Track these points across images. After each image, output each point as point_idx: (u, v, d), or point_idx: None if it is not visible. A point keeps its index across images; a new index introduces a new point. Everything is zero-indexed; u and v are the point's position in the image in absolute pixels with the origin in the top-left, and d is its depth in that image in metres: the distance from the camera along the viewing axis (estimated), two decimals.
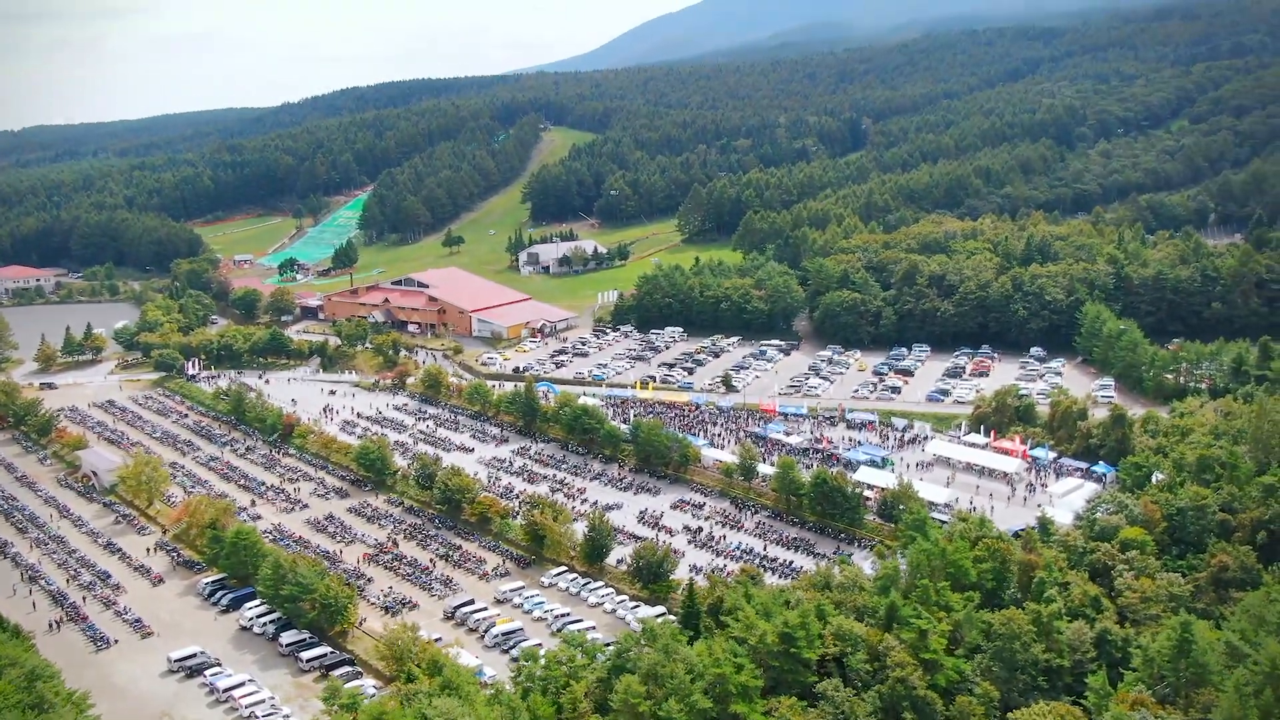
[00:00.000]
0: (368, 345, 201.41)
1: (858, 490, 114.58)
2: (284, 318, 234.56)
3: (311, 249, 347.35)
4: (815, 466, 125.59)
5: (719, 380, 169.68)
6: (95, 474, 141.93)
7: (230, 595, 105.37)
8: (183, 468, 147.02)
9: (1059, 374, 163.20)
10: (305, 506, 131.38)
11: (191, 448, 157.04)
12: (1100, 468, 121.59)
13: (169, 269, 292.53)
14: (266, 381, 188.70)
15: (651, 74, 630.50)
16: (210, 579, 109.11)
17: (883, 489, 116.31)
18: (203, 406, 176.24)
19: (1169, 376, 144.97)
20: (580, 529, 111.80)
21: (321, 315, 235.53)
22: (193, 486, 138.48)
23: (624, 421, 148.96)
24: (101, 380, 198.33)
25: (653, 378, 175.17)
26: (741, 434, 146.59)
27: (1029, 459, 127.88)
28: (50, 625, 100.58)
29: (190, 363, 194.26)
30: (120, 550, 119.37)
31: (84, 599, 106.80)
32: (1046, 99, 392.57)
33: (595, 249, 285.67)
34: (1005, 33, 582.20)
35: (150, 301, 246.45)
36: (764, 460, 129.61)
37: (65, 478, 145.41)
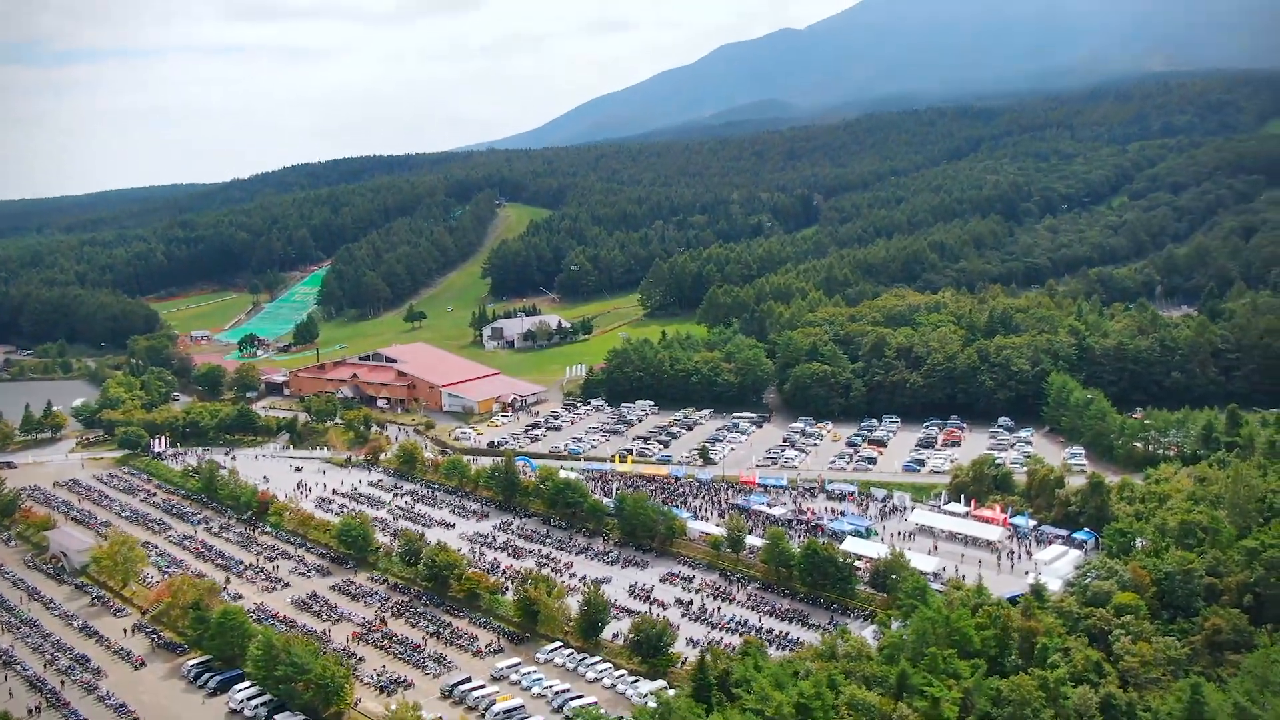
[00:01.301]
0: (338, 421, 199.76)
1: (848, 560, 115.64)
2: (248, 394, 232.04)
3: (269, 325, 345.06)
4: (804, 537, 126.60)
5: (696, 453, 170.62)
6: (65, 555, 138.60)
7: (218, 677, 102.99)
8: (155, 547, 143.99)
9: (1029, 443, 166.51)
10: (287, 585, 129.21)
11: (163, 526, 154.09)
12: (1081, 534, 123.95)
13: (125, 345, 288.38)
14: (233, 458, 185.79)
15: (602, 151, 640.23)
16: (195, 661, 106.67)
17: (871, 559, 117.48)
18: (171, 484, 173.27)
19: (1138, 444, 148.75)
20: (574, 603, 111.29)
21: (287, 391, 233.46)
22: (168, 566, 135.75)
23: (605, 495, 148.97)
24: (63, 459, 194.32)
25: (629, 451, 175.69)
26: (724, 506, 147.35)
27: (1010, 527, 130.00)
28: (30, 712, 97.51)
29: (156, 440, 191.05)
30: (97, 633, 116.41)
31: (62, 684, 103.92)
32: (991, 176, 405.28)
33: (559, 323, 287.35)
34: (945, 113, 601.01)
35: (110, 378, 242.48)
36: (750, 532, 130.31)
37: (32, 559, 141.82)
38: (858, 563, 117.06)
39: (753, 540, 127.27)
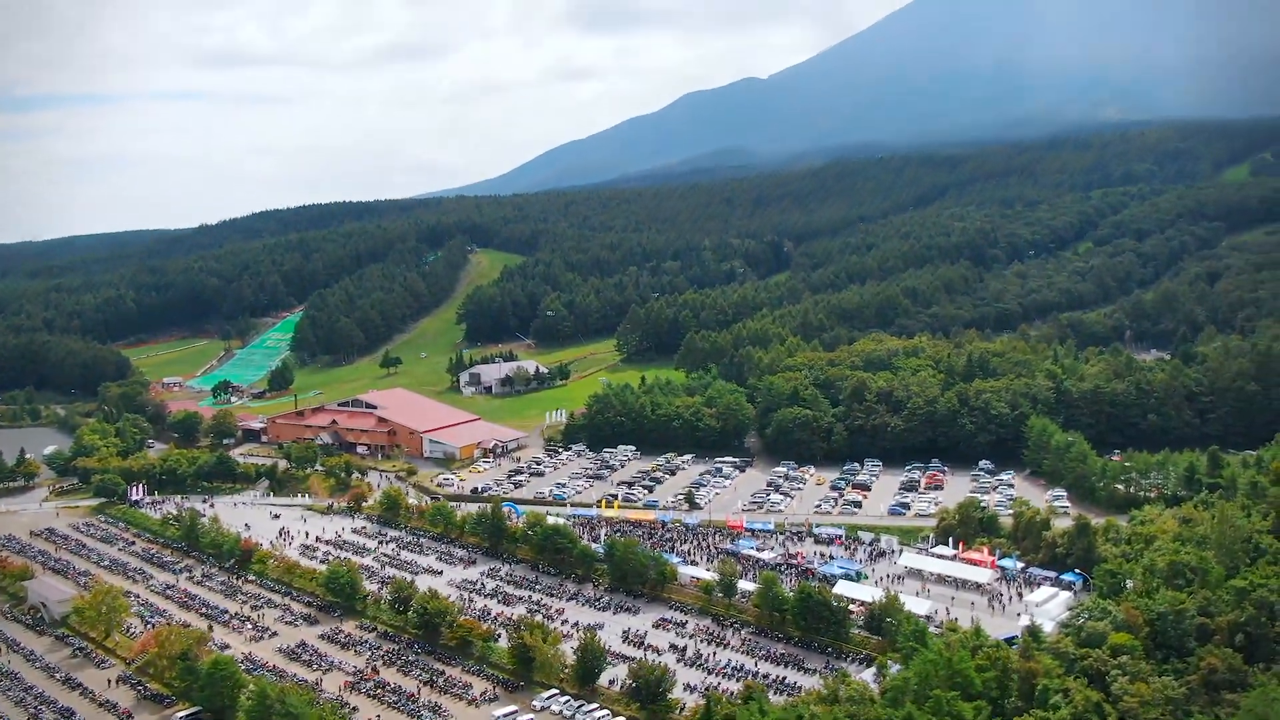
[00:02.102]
0: (319, 468, 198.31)
1: (842, 604, 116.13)
2: (225, 441, 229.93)
3: (242, 371, 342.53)
4: (797, 582, 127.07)
5: (682, 497, 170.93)
6: (44, 605, 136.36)
7: None
8: (137, 596, 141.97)
9: (1011, 486, 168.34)
10: (274, 634, 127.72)
11: (144, 575, 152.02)
12: (1068, 576, 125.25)
13: (96, 392, 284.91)
14: (211, 506, 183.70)
15: (572, 198, 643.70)
16: (184, 713, 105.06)
17: (865, 602, 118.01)
18: (150, 533, 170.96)
19: (1120, 486, 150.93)
20: (569, 650, 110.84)
21: (265, 438, 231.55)
22: (152, 616, 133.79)
23: (592, 541, 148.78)
24: (37, 508, 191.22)
25: (614, 496, 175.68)
26: (712, 551, 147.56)
27: (998, 569, 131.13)
28: None
29: (133, 488, 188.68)
30: (80, 685, 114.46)
31: None
32: (958, 222, 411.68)
33: (537, 369, 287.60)
34: (910, 160, 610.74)
35: (82, 426, 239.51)
36: (741, 576, 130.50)
37: (10, 610, 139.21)
38: (852, 606, 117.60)
39: (744, 585, 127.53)
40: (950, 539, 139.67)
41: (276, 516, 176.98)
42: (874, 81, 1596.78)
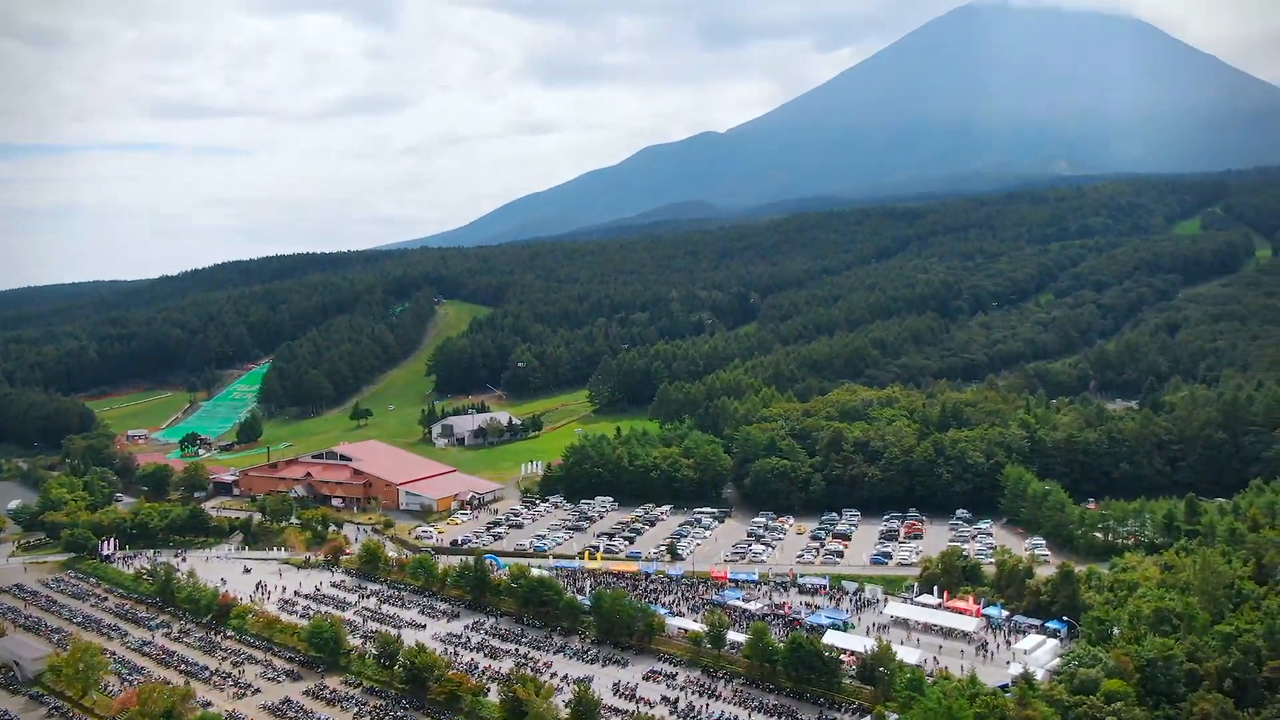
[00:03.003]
0: (294, 521, 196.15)
1: (833, 654, 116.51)
2: (197, 494, 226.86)
3: (207, 423, 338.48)
4: (787, 632, 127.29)
5: (664, 548, 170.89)
6: (18, 664, 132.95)
7: None
8: (113, 654, 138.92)
9: (989, 534, 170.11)
10: (257, 691, 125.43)
11: (119, 632, 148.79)
12: (1053, 624, 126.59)
13: (60, 445, 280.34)
14: (183, 560, 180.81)
15: (537, 250, 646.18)
16: None
17: (856, 652, 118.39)
18: (123, 588, 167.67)
19: (1098, 534, 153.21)
20: (560, 703, 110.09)
21: (237, 491, 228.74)
22: (129, 674, 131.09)
23: (577, 593, 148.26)
24: (3, 563, 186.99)
25: (596, 548, 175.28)
26: (698, 601, 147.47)
27: (983, 617, 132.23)
28: None
29: (103, 542, 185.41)
30: None
31: None
32: (922, 275, 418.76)
33: (510, 420, 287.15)
34: (871, 213, 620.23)
35: (47, 479, 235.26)
36: (729, 627, 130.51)
37: None
38: (842, 656, 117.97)
39: (733, 636, 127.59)
40: (935, 588, 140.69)
41: (248, 571, 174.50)
42: (829, 136, 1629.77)
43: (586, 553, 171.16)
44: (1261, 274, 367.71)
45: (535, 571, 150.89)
